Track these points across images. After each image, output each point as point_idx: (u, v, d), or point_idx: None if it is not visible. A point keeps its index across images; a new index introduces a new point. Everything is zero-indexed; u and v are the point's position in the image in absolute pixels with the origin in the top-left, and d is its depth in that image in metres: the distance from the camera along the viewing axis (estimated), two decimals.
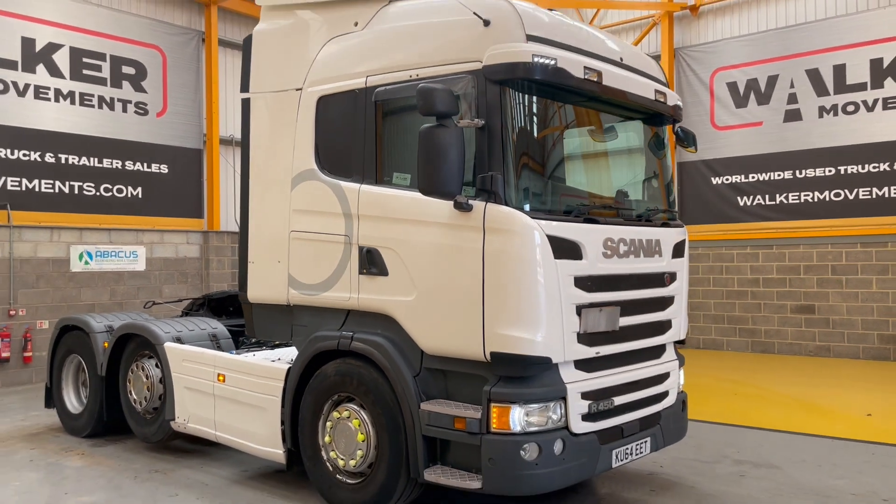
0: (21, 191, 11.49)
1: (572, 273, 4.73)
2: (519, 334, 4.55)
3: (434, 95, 4.51)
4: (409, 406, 4.92)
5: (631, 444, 5.20)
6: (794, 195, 13.91)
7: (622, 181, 5.80)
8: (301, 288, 5.72)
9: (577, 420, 4.78)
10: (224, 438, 6.23)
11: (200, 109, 14.00)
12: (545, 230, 4.59)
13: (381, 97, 5.27)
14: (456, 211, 4.68)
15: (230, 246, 14.31)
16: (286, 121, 5.85)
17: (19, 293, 11.41)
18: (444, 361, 4.93)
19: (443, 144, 4.50)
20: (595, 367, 4.96)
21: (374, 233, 5.23)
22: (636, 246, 5.24)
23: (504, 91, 4.65)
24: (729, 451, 7.03)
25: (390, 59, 5.26)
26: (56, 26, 11.95)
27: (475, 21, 4.76)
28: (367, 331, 5.27)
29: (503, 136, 4.63)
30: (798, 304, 13.79)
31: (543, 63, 4.62)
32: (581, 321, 4.77)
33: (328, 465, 5.41)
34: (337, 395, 5.38)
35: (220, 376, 6.22)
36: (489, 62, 4.67)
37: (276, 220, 5.87)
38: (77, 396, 8.08)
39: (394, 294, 5.10)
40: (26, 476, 6.46)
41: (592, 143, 5.52)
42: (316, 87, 5.68)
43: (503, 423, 4.56)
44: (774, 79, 14.15)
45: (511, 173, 4.64)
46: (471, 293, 4.67)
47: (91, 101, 12.38)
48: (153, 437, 7.04)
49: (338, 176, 5.49)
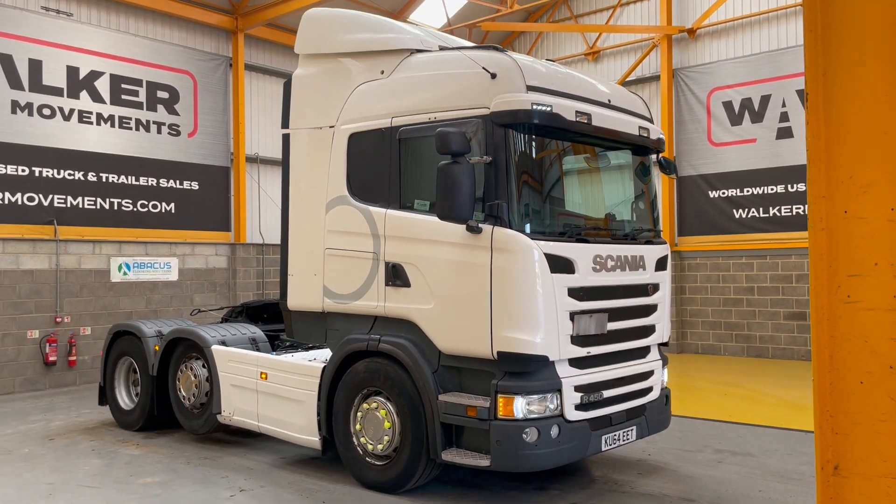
0: (66, 207, 12.50)
1: (566, 285, 5.62)
2: (521, 336, 5.45)
3: (450, 137, 5.43)
4: (429, 397, 5.81)
5: (618, 431, 6.08)
6: (786, 208, 14.72)
7: (611, 204, 6.70)
8: (334, 297, 6.64)
9: (571, 409, 5.67)
10: (266, 429, 7.14)
11: (228, 130, 15.00)
12: (543, 249, 5.49)
13: (404, 135, 6.20)
14: (468, 233, 5.59)
15: (255, 257, 15.29)
16: (321, 153, 6.78)
17: (65, 302, 12.40)
18: (458, 360, 5.83)
19: (457, 178, 5.42)
20: (587, 365, 5.85)
21: (398, 250, 6.15)
22: (622, 261, 6.13)
23: (508, 133, 5.57)
24: (711, 442, 7.89)
25: (412, 103, 6.18)
26: (98, 55, 12.99)
27: (484, 74, 5.68)
28: (392, 334, 6.17)
29: (507, 170, 5.54)
30: (790, 311, 14.58)
31: (541, 109, 5.54)
32: (574, 325, 5.66)
33: (358, 449, 6.31)
34: (366, 390, 6.28)
35: (263, 374, 7.14)
36: (495, 108, 5.59)
37: (313, 239, 6.79)
38: (128, 394, 9.02)
39: (415, 303, 6.01)
40: (93, 462, 7.40)
41: (585, 172, 6.43)
42: (348, 125, 6.61)
43: (508, 411, 5.45)
44: (767, 98, 15.00)
45: (514, 201, 5.55)
46: (480, 302, 5.57)
47: (129, 124, 13.40)
48: (200, 429, 7.97)
49: (367, 201, 6.41)
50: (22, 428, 9.08)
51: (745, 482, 6.48)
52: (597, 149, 6.43)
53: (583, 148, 6.29)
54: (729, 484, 6.44)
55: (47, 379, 12.12)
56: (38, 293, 12.09)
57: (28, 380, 11.91)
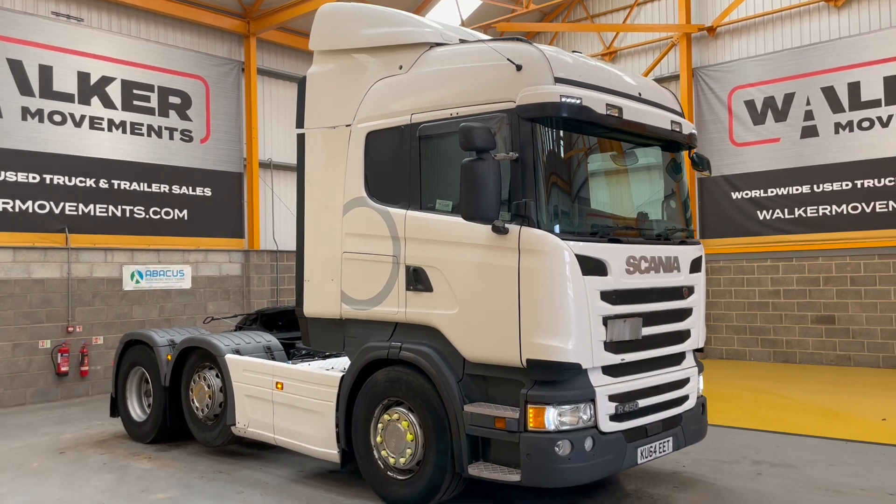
0: (78, 215, 12.31)
1: (599, 288, 5.30)
2: (552, 343, 5.13)
3: (474, 133, 5.13)
4: (454, 408, 5.50)
5: (654, 443, 5.74)
6: (812, 209, 14.32)
7: (643, 203, 6.37)
8: (352, 303, 6.35)
9: (605, 420, 5.34)
10: (282, 441, 6.85)
11: (241, 135, 14.79)
12: (574, 250, 5.18)
13: (424, 132, 5.90)
14: (494, 234, 5.28)
15: (269, 264, 15.05)
16: (338, 153, 6.51)
17: (76, 311, 12.19)
18: (484, 368, 5.52)
19: (482, 176, 5.12)
20: (621, 373, 5.52)
21: (419, 253, 5.85)
22: (656, 262, 5.79)
23: (535, 127, 5.26)
24: (748, 452, 7.52)
25: (432, 99, 5.89)
26: (109, 60, 12.81)
27: (509, 66, 5.38)
28: (414, 341, 5.87)
29: (535, 167, 5.23)
30: (818, 314, 14.16)
31: (570, 102, 5.22)
32: (607, 331, 5.34)
33: (380, 463, 6.00)
34: (387, 400, 5.97)
35: (279, 384, 6.85)
36: (522, 102, 5.28)
37: (330, 243, 6.51)
38: (140, 406, 8.76)
39: (438, 308, 5.71)
40: (103, 477, 7.13)
41: (615, 169, 6.11)
42: (365, 124, 6.33)
43: (539, 423, 5.13)
44: (791, 96, 14.61)
45: (542, 199, 5.24)
46: (508, 306, 5.26)
47: (141, 130, 13.21)
48: (214, 441, 7.69)
49: (385, 203, 6.12)
50: (32, 441, 8.84)
51: (788, 496, 6.11)
52: (627, 144, 6.10)
53: (613, 143, 5.97)
54: (771, 499, 6.08)
55: (59, 390, 11.90)
56: (49, 302, 11.89)
57: (40, 391, 11.70)
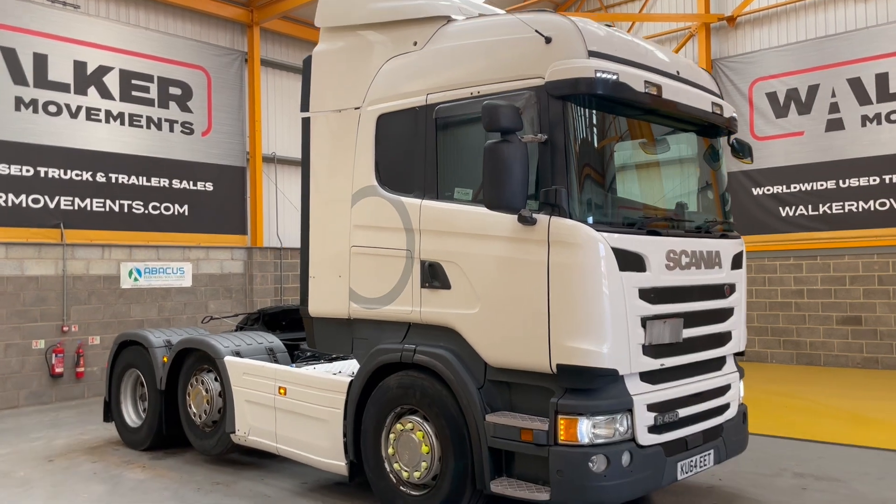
0: (74, 210, 11.80)
1: (637, 285, 4.76)
2: (585, 346, 4.59)
3: (499, 112, 4.59)
4: (474, 418, 4.97)
5: (695, 457, 5.20)
6: (837, 205, 13.74)
7: (680, 193, 5.83)
8: (362, 302, 5.82)
9: (644, 432, 4.80)
10: (285, 451, 6.32)
11: (243, 128, 14.27)
12: (610, 242, 4.64)
13: (441, 114, 5.37)
14: (520, 225, 4.75)
15: (273, 262, 14.53)
16: (346, 139, 5.98)
17: (72, 310, 11.68)
18: (508, 374, 4.98)
19: (507, 160, 4.58)
20: (660, 379, 4.98)
21: (436, 247, 5.32)
22: (697, 257, 5.25)
23: (566, 106, 4.72)
24: (788, 463, 6.97)
25: (450, 77, 5.36)
26: (106, 49, 12.29)
27: (536, 38, 4.85)
28: (430, 343, 5.34)
29: (566, 151, 4.69)
30: (844, 315, 13.58)
31: (605, 78, 4.69)
32: (646, 333, 4.80)
33: (392, 476, 5.47)
34: (400, 408, 5.45)
35: (282, 389, 6.33)
36: (552, 78, 4.74)
37: (337, 236, 5.98)
38: (135, 410, 8.25)
39: (457, 307, 5.18)
40: (93, 489, 6.62)
41: (651, 155, 5.56)
42: (375, 106, 5.81)
43: (571, 435, 4.59)
44: (815, 88, 14.03)
45: (574, 187, 4.70)
46: (536, 306, 4.73)
47: (140, 122, 12.70)
48: (213, 449, 7.17)
49: (398, 192, 5.59)
50: (22, 447, 8.33)
51: None
52: (664, 127, 5.56)
53: (649, 126, 5.42)
54: None
55: (54, 391, 11.40)
56: (43, 301, 11.38)
57: (33, 393, 11.19)
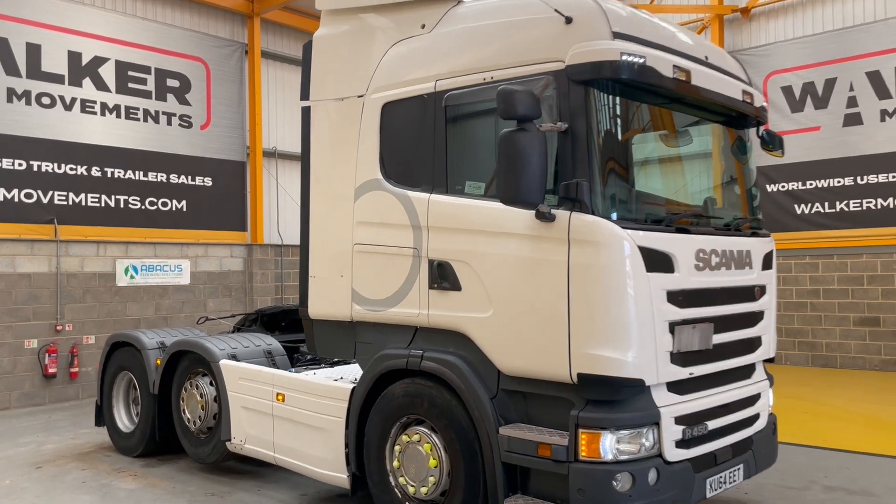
0: (68, 205, 11.44)
1: (664, 287, 4.38)
2: (609, 354, 4.21)
3: (515, 97, 4.20)
4: (487, 430, 4.59)
5: (724, 472, 4.82)
6: (855, 202, 13.33)
7: (707, 187, 5.43)
8: (365, 303, 5.45)
9: (671, 447, 4.42)
10: (283, 461, 5.96)
11: (244, 122, 13.90)
12: (636, 241, 4.25)
13: (451, 101, 4.98)
14: (537, 221, 4.36)
15: (273, 259, 14.16)
16: (349, 129, 5.59)
17: (66, 308, 11.33)
18: (523, 383, 4.60)
19: (524, 150, 4.19)
20: (688, 389, 4.59)
21: (445, 245, 4.93)
22: (727, 257, 4.87)
23: (589, 92, 4.33)
24: (816, 475, 6.58)
25: (462, 62, 4.97)
26: (102, 40, 11.93)
27: (556, 18, 4.46)
28: (438, 349, 4.96)
29: (588, 140, 4.30)
30: (861, 315, 13.17)
31: (632, 61, 4.29)
32: (674, 339, 4.41)
33: (396, 491, 5.10)
34: (406, 418, 5.08)
35: (280, 395, 5.96)
36: (573, 61, 4.35)
37: (339, 233, 5.60)
38: (128, 414, 7.90)
39: (468, 310, 4.79)
40: (80, 499, 6.26)
41: (676, 147, 5.17)
42: (380, 94, 5.42)
43: (593, 451, 4.21)
44: (832, 82, 13.62)
45: (597, 180, 4.31)
46: (555, 309, 4.34)
47: (136, 115, 12.33)
48: (207, 457, 6.80)
49: (405, 185, 5.21)
50: (10, 452, 7.98)
51: None
52: (691, 117, 5.16)
53: (676, 115, 5.02)
54: None
55: (47, 393, 11.05)
56: (36, 299, 11.02)
57: (25, 394, 10.84)
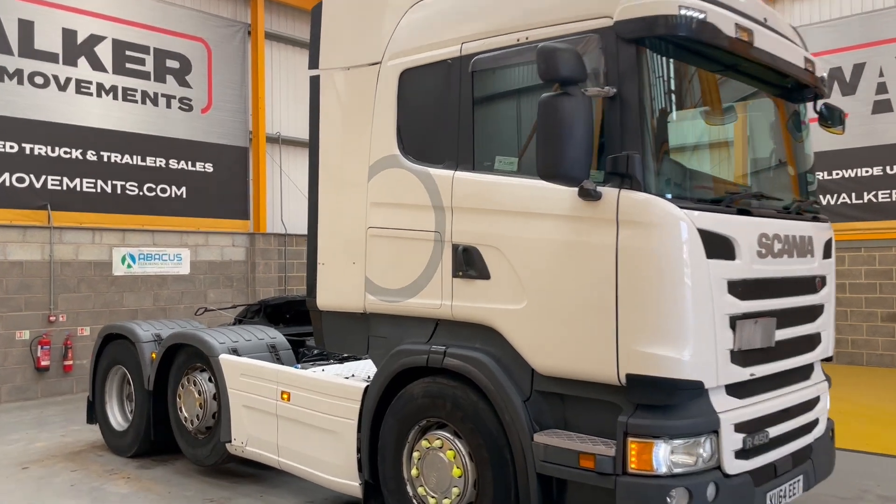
0: (62, 190, 10.90)
1: (725, 276, 3.84)
2: (664, 352, 3.67)
3: (558, 57, 3.65)
4: (519, 437, 4.07)
5: (784, 485, 4.28)
6: (884, 193, 12.76)
7: (765, 166, 4.89)
8: (380, 293, 4.91)
9: (731, 458, 3.88)
10: (289, 466, 5.44)
11: (246, 105, 13.35)
12: (694, 222, 3.71)
13: (479, 67, 4.43)
14: (581, 200, 3.82)
15: (276, 248, 13.63)
16: (362, 100, 5.04)
17: (60, 298, 10.81)
18: (561, 384, 4.07)
19: (568, 118, 3.64)
20: (748, 393, 4.06)
21: (471, 228, 4.39)
22: (790, 244, 4.32)
23: (641, 52, 3.78)
24: (867, 483, 6.06)
25: (492, 22, 4.41)
26: (98, 17, 11.37)
27: None
28: (463, 344, 4.43)
29: (641, 107, 3.75)
30: (890, 311, 12.63)
31: (692, 16, 3.74)
32: (735, 336, 3.87)
33: (415, 502, 4.58)
34: (426, 421, 4.55)
35: (285, 394, 5.43)
36: (622, 17, 3.80)
37: (351, 216, 5.06)
38: (122, 411, 7.39)
39: (497, 301, 4.26)
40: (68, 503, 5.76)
41: (739, 118, 4.62)
42: (398, 60, 4.86)
43: (644, 463, 3.68)
44: (861, 67, 13.03)
45: (650, 153, 3.76)
46: (600, 300, 3.81)
47: (134, 97, 11.78)
48: (206, 459, 6.29)
49: (426, 162, 4.66)
50: None
51: None
52: (748, 86, 4.60)
53: (736, 82, 4.47)
54: None
55: (39, 386, 10.54)
56: (28, 288, 10.50)
57: (17, 388, 10.34)
